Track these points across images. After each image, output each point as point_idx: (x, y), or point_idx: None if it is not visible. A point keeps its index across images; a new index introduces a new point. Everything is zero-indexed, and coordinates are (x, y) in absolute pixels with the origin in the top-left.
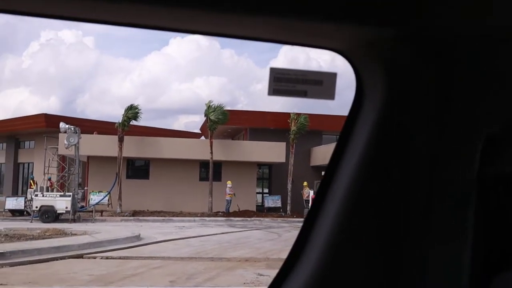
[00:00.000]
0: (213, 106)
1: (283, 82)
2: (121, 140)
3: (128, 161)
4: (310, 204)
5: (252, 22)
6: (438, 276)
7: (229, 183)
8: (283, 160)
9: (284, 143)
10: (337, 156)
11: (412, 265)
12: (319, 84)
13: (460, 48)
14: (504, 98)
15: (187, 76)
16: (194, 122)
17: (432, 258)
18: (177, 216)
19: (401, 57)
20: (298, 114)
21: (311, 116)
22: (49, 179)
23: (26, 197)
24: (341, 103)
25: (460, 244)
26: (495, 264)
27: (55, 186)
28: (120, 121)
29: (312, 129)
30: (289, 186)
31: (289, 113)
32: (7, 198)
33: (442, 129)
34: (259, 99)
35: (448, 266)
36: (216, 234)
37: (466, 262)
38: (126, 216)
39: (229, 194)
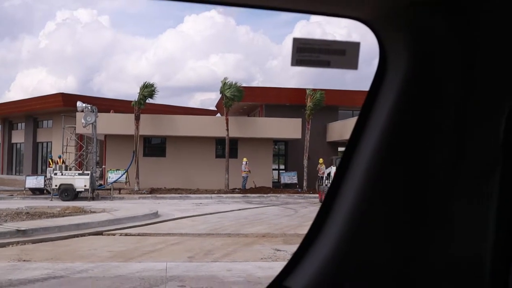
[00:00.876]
0: (228, 83)
1: (306, 52)
2: (137, 119)
3: (144, 139)
4: (327, 181)
5: None
6: (462, 251)
7: (244, 160)
8: (299, 136)
9: (300, 119)
10: (359, 128)
11: (436, 240)
12: (342, 53)
13: (485, 15)
14: None
15: (202, 54)
16: (210, 99)
17: (457, 234)
18: (194, 193)
19: (426, 24)
20: (314, 90)
21: (327, 91)
22: (59, 157)
23: (45, 176)
24: (357, 77)
25: (486, 217)
26: None
27: (69, 164)
28: (136, 100)
29: (328, 104)
30: (305, 162)
31: (304, 89)
32: (27, 177)
33: (467, 97)
34: (275, 75)
35: (473, 239)
36: (233, 210)
37: (491, 236)
38: (144, 193)
39: (244, 171)
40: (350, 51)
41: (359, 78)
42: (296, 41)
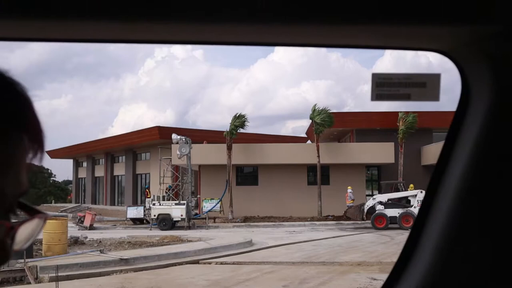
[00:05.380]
0: (318, 109)
1: (386, 86)
2: (229, 148)
3: (237, 168)
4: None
5: (353, 30)
6: None
7: (350, 189)
8: (392, 160)
9: (392, 143)
10: (445, 157)
11: None
12: (422, 86)
13: None
14: None
15: (294, 82)
16: (302, 126)
17: None
18: (287, 221)
19: (507, 53)
20: (407, 113)
21: (420, 113)
22: (147, 188)
23: (144, 206)
24: (450, 98)
25: None
26: None
27: (163, 194)
28: (228, 130)
29: (422, 127)
30: (401, 186)
31: (396, 112)
32: (128, 208)
33: None
34: (367, 100)
35: None
36: (327, 238)
37: None
38: (238, 222)
39: (350, 200)
40: (431, 83)
41: (453, 98)
42: (375, 76)
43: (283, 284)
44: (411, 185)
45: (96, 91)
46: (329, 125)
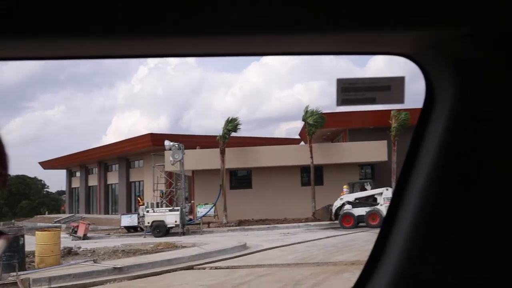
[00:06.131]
0: (310, 110)
1: (351, 91)
2: (222, 153)
3: (231, 172)
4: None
5: (319, 38)
6: None
7: (345, 188)
8: (385, 158)
9: (385, 141)
10: (411, 158)
11: (497, 265)
12: (387, 89)
13: None
14: None
15: (287, 84)
16: (295, 128)
17: None
18: (282, 223)
19: (470, 55)
20: (399, 110)
21: (413, 110)
22: (138, 196)
23: (138, 214)
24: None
25: None
26: None
27: (157, 201)
28: (221, 134)
29: (414, 124)
30: (394, 185)
31: (389, 111)
32: (122, 216)
33: None
34: None
35: None
36: (321, 238)
37: None
38: (232, 226)
39: None
40: (396, 86)
41: None
42: (340, 81)
43: (277, 286)
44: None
45: (90, 101)
46: (321, 125)
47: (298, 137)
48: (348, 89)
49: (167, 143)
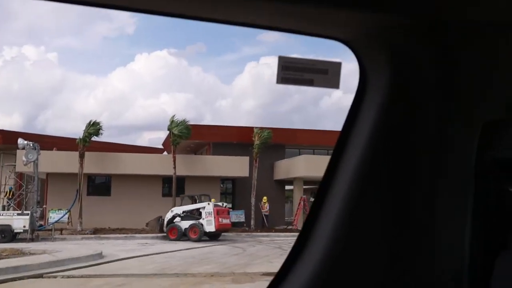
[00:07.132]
0: (176, 121)
1: (291, 70)
2: (81, 156)
3: (89, 178)
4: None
5: (258, 8)
6: (442, 263)
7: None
8: (246, 174)
9: (248, 157)
10: (340, 149)
11: (417, 256)
12: (325, 73)
13: (462, 36)
14: (504, 86)
15: (153, 92)
16: (159, 138)
17: (436, 247)
18: (140, 233)
19: (405, 45)
20: (262, 129)
21: (275, 130)
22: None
23: None
24: (304, 117)
25: (462, 229)
26: (496, 246)
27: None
28: (81, 137)
29: (276, 143)
30: (253, 200)
31: (252, 128)
32: None
33: (444, 116)
34: (225, 115)
35: (451, 252)
36: (180, 250)
37: (467, 247)
38: (87, 234)
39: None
40: (333, 70)
41: (306, 117)
42: (281, 59)
43: None
44: (265, 197)
45: None
46: (186, 136)
47: (161, 147)
48: (289, 68)
49: (20, 141)
